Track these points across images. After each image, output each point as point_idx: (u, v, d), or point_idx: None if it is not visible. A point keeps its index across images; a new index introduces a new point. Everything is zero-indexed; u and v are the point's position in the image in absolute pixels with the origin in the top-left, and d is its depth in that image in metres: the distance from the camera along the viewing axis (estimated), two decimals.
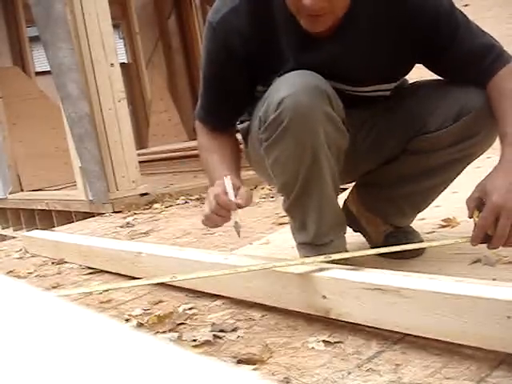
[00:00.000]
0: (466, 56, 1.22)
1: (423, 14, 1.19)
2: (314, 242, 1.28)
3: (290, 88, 1.15)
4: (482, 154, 1.31)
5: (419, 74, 1.34)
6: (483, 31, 1.24)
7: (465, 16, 1.24)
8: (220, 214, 1.16)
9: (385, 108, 1.34)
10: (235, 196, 1.16)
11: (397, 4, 1.20)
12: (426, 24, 1.20)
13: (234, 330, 1.15)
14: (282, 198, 1.31)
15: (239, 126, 1.46)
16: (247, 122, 1.40)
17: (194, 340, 1.12)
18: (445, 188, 1.38)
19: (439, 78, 1.31)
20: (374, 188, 1.44)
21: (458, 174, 1.35)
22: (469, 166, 1.35)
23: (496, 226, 1.08)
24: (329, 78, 1.20)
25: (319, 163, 1.19)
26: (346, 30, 1.20)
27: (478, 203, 1.12)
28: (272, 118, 1.17)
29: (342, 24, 1.20)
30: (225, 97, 1.32)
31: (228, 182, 1.16)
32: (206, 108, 1.37)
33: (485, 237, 1.11)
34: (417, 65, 1.32)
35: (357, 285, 1.02)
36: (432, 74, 1.31)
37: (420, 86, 1.34)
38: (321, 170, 1.20)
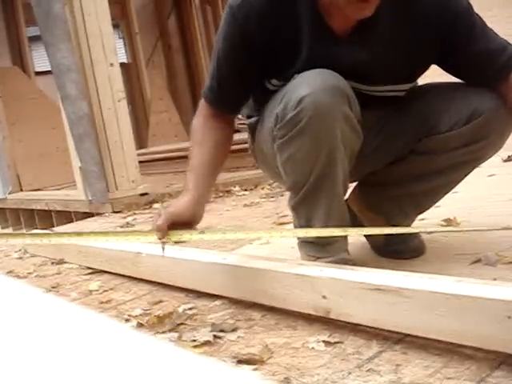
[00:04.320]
0: (480, 55, 1.22)
1: (443, 13, 1.20)
2: (318, 241, 1.28)
3: (310, 87, 1.15)
4: (489, 157, 1.31)
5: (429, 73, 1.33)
6: (496, 33, 1.25)
7: (480, 17, 1.24)
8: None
9: (395, 109, 1.34)
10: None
11: (416, 3, 1.21)
12: (445, 23, 1.20)
13: (234, 330, 1.15)
14: (289, 195, 1.31)
15: (247, 122, 1.45)
16: (255, 118, 1.40)
17: (194, 340, 1.12)
18: (450, 189, 1.38)
19: (449, 78, 1.31)
20: (377, 187, 1.44)
21: (465, 176, 1.34)
22: None
23: None
24: (346, 76, 1.19)
25: (334, 163, 1.19)
26: (366, 29, 1.20)
27: None
28: (290, 116, 1.17)
29: (360, 23, 1.20)
30: (234, 82, 1.30)
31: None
32: (214, 90, 1.33)
33: None
34: None
35: (357, 285, 1.02)
36: (442, 73, 1.30)
37: (432, 87, 1.34)
38: (334, 170, 1.20)
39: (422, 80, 1.37)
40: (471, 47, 1.22)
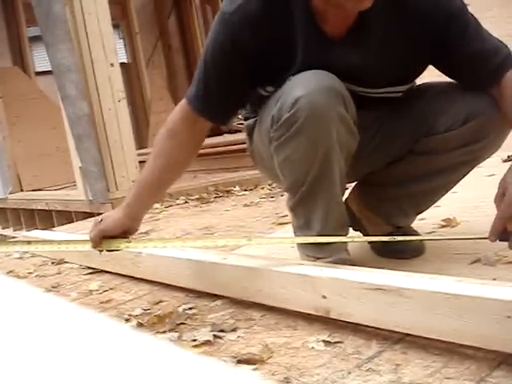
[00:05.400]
0: (474, 55, 1.22)
1: (436, 14, 1.20)
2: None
3: (305, 88, 1.14)
4: (487, 157, 1.32)
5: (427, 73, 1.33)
6: (491, 34, 1.25)
7: (474, 17, 1.24)
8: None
9: (393, 109, 1.34)
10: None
11: (409, 4, 1.20)
12: (439, 23, 1.20)
13: (234, 329, 1.15)
14: (287, 196, 1.31)
15: (245, 123, 1.45)
16: (253, 120, 1.39)
17: (194, 340, 1.12)
18: (449, 189, 1.38)
19: (446, 79, 1.31)
20: (376, 187, 1.44)
21: (464, 176, 1.35)
22: None
23: None
24: (341, 79, 1.19)
25: (330, 164, 1.19)
26: (359, 31, 1.20)
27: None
28: (286, 117, 1.16)
29: (354, 26, 1.20)
30: (226, 87, 1.27)
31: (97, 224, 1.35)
32: (200, 94, 1.29)
33: (504, 234, 1.07)
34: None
35: (357, 285, 1.02)
36: (439, 73, 1.30)
37: (429, 87, 1.34)
38: (331, 170, 1.20)
39: (420, 80, 1.37)
40: (465, 48, 1.21)
